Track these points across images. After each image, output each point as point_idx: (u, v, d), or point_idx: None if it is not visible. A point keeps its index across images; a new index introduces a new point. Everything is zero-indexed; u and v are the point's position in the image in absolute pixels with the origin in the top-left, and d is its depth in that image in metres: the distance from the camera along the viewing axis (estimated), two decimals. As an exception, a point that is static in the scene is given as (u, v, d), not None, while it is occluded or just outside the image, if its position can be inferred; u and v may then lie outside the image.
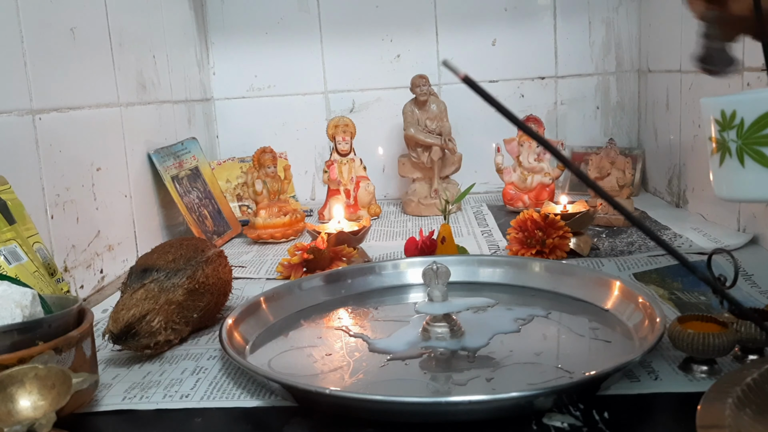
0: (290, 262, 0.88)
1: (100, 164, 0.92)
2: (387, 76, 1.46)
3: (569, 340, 0.65)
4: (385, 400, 0.50)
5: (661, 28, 1.29)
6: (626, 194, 1.11)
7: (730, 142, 0.51)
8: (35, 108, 0.77)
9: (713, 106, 0.53)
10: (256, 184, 1.15)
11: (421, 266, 0.72)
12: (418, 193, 1.30)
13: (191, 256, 0.70)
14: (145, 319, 0.64)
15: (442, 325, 0.65)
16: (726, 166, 0.52)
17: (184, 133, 1.26)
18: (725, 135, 0.52)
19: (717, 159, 0.53)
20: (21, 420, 0.45)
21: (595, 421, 0.49)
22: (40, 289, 0.64)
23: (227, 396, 0.56)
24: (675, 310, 0.70)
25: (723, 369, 0.55)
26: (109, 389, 0.59)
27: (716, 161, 0.53)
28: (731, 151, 0.51)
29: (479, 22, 1.44)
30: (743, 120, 0.50)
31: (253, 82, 1.48)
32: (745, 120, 0.50)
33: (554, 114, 1.47)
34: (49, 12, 0.81)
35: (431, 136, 1.27)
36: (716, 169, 0.54)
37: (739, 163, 0.51)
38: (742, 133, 0.51)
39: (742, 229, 0.95)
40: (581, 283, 0.75)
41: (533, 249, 0.91)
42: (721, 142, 0.52)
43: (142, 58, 1.09)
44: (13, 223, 0.67)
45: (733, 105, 0.51)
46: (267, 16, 1.45)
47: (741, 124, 0.51)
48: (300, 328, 0.72)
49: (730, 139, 0.51)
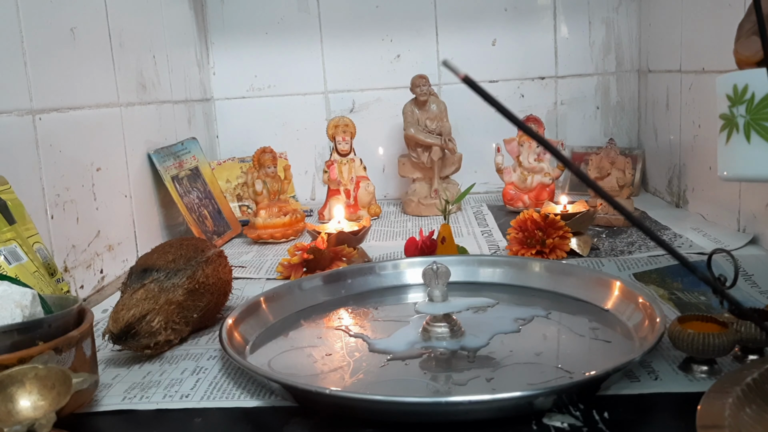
0: (290, 262, 0.88)
1: (100, 164, 0.92)
2: (387, 76, 1.46)
3: (569, 340, 0.65)
4: (385, 400, 0.50)
5: (661, 28, 1.29)
6: (626, 194, 1.11)
7: (738, 118, 0.51)
8: (35, 108, 0.77)
9: (727, 82, 0.52)
10: (256, 184, 1.15)
11: (421, 266, 0.72)
12: (418, 193, 1.30)
13: (191, 256, 0.70)
14: (145, 319, 0.64)
15: (442, 325, 0.65)
16: (732, 143, 0.51)
17: (184, 133, 1.26)
18: (734, 110, 0.51)
19: (724, 137, 0.52)
20: (21, 420, 0.45)
21: (595, 421, 0.49)
22: (40, 289, 0.64)
23: (227, 396, 0.56)
24: (675, 310, 0.70)
25: (723, 369, 0.55)
26: (109, 389, 0.59)
27: (723, 139, 0.52)
28: (738, 126, 0.51)
29: (479, 22, 1.44)
30: (754, 94, 0.50)
31: (253, 82, 1.48)
32: (756, 94, 0.50)
33: (554, 114, 1.47)
34: (49, 12, 0.81)
35: (431, 136, 1.27)
36: (722, 148, 0.53)
37: (745, 139, 0.50)
38: (751, 108, 0.50)
39: (742, 229, 0.95)
40: (581, 283, 0.75)
41: (533, 249, 0.91)
42: (729, 118, 0.52)
43: (142, 58, 1.09)
44: (13, 223, 0.67)
45: (746, 79, 0.50)
46: (267, 16, 1.45)
47: (751, 99, 0.50)
48: (300, 328, 0.72)
49: (739, 114, 0.51)
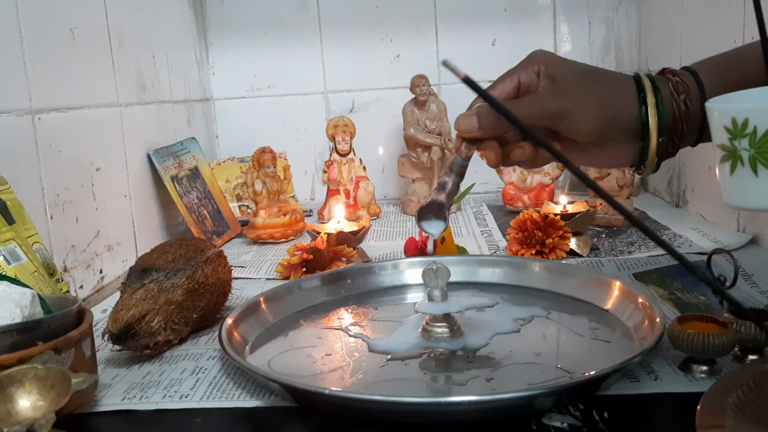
0: (290, 262, 0.88)
1: (100, 164, 0.92)
2: (387, 76, 1.46)
3: (569, 340, 0.65)
4: (385, 400, 0.50)
5: (661, 28, 1.29)
6: (626, 194, 1.11)
7: (741, 151, 0.49)
8: (35, 108, 0.77)
9: (723, 114, 0.50)
10: (256, 184, 1.15)
11: (421, 266, 0.72)
12: (417, 193, 1.30)
13: (191, 256, 0.70)
14: (145, 320, 0.64)
15: (442, 325, 0.65)
16: (738, 175, 0.50)
17: (184, 133, 1.26)
18: (736, 143, 0.50)
19: (727, 167, 0.51)
20: (20, 420, 0.45)
21: (594, 421, 0.49)
22: (39, 289, 0.64)
23: (227, 396, 0.56)
24: (675, 310, 0.70)
25: (723, 369, 0.55)
26: (108, 389, 0.59)
27: (726, 169, 0.51)
28: (743, 159, 0.49)
29: (479, 22, 1.44)
30: (756, 128, 0.48)
31: (252, 82, 1.48)
32: (759, 128, 0.48)
33: (554, 114, 1.46)
34: (48, 12, 0.81)
35: (431, 136, 1.27)
36: (727, 178, 0.52)
37: (752, 172, 0.49)
38: (755, 142, 0.48)
39: (742, 229, 0.95)
40: (581, 283, 0.75)
41: (533, 249, 0.91)
42: (731, 150, 0.50)
43: (142, 58, 1.09)
44: (13, 223, 0.67)
45: (746, 113, 0.49)
46: (266, 16, 1.45)
47: (754, 133, 0.48)
48: (300, 328, 0.72)
49: (742, 147, 0.49)
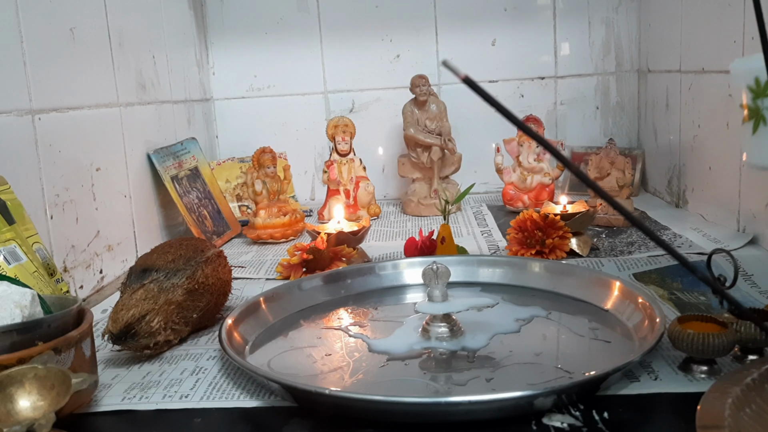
0: (290, 263, 0.88)
1: (100, 164, 0.92)
2: (387, 76, 1.46)
3: (569, 341, 0.65)
4: (385, 400, 0.50)
5: (660, 28, 1.29)
6: (626, 194, 1.11)
7: (764, 110, 0.50)
8: (35, 108, 0.77)
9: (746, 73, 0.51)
10: (256, 185, 1.15)
11: (421, 266, 0.72)
12: (417, 193, 1.30)
13: (191, 257, 0.70)
14: (145, 320, 0.64)
15: (442, 325, 0.65)
16: (761, 134, 0.51)
17: (184, 133, 1.26)
18: (759, 102, 0.50)
19: (749, 127, 0.51)
20: (20, 420, 0.45)
21: (594, 421, 0.49)
22: (39, 289, 0.64)
23: (227, 396, 0.56)
24: (675, 310, 0.70)
25: (723, 369, 0.55)
26: (108, 389, 0.59)
27: (749, 129, 0.52)
28: (766, 118, 0.50)
29: (479, 22, 1.44)
30: None
31: (252, 82, 1.48)
32: None
33: (554, 114, 1.47)
34: (48, 12, 0.81)
35: (431, 136, 1.27)
36: (749, 138, 0.52)
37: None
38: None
39: (742, 229, 0.95)
40: (581, 283, 0.75)
41: (533, 249, 0.91)
42: (754, 110, 0.51)
43: (142, 58, 1.09)
44: (13, 223, 0.67)
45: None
46: (267, 16, 1.45)
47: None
48: (300, 328, 0.72)
49: (765, 107, 0.50)
